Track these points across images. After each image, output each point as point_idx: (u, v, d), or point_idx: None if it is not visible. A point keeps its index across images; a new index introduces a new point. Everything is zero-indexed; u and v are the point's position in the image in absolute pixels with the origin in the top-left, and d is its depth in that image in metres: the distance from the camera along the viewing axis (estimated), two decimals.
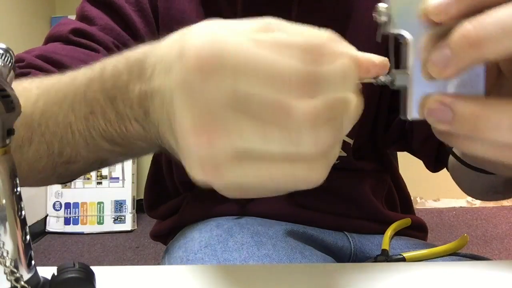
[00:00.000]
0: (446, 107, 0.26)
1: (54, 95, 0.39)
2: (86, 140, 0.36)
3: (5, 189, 0.25)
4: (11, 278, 0.25)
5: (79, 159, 0.39)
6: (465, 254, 0.57)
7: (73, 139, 0.37)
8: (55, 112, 0.38)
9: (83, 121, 0.36)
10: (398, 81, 0.28)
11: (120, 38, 0.58)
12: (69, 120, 0.37)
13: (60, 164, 0.40)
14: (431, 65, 0.27)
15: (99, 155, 0.38)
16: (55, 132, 0.38)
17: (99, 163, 0.40)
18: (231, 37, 0.24)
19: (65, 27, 0.57)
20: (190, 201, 0.67)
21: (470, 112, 0.26)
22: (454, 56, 0.25)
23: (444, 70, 0.26)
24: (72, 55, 0.54)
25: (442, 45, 0.26)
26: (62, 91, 0.38)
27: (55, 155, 0.39)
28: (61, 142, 0.38)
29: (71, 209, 2.68)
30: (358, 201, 0.65)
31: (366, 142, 0.67)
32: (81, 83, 0.36)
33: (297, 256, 0.53)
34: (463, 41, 0.25)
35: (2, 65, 0.27)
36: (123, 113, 0.32)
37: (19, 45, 2.31)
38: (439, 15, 0.26)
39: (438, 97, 0.27)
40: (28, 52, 0.55)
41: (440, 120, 0.27)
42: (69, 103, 0.37)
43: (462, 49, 0.25)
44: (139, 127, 0.32)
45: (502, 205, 2.77)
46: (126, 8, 0.59)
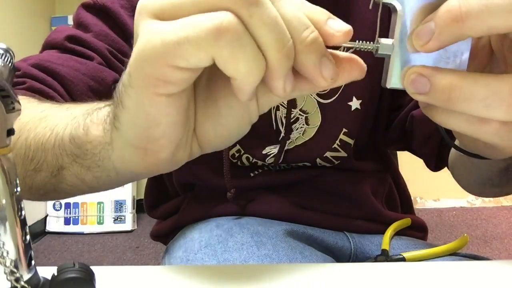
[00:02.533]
0: (425, 78, 0.27)
1: (63, 108, 0.41)
2: (55, 139, 0.38)
3: (5, 189, 0.25)
4: (11, 278, 0.25)
5: (44, 167, 0.39)
6: (465, 254, 0.57)
7: (48, 139, 0.38)
8: (54, 120, 0.40)
9: (69, 120, 0.37)
10: (382, 50, 0.29)
11: (115, 44, 0.58)
12: (57, 122, 0.39)
13: (30, 173, 0.40)
14: (415, 37, 0.27)
15: (58, 161, 0.38)
16: (37, 134, 0.39)
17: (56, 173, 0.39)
18: None
19: (61, 34, 0.58)
20: (190, 201, 0.67)
21: (446, 83, 0.26)
22: (437, 30, 0.26)
23: (427, 43, 0.27)
24: (67, 64, 0.55)
25: (428, 18, 0.27)
26: (74, 106, 0.41)
27: (29, 160, 0.40)
28: (37, 145, 0.39)
29: (71, 209, 2.68)
30: (359, 201, 0.65)
31: (367, 142, 0.67)
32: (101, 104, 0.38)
33: (297, 256, 0.53)
34: (447, 16, 0.25)
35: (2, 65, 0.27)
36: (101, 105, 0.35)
37: (19, 45, 2.31)
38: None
39: (418, 68, 0.28)
40: (24, 60, 0.55)
41: (418, 90, 0.28)
42: (71, 111, 0.39)
43: (446, 24, 0.26)
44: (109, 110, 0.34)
45: (502, 205, 2.77)
46: (121, 13, 0.59)
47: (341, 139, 0.63)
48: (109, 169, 0.36)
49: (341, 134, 0.63)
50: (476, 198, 2.82)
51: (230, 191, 0.61)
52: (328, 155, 0.64)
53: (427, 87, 0.27)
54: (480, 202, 2.83)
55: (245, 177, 0.64)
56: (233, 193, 0.61)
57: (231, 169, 0.61)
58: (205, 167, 0.65)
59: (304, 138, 0.62)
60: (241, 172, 0.64)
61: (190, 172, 0.67)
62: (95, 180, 0.37)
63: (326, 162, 0.65)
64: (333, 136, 0.63)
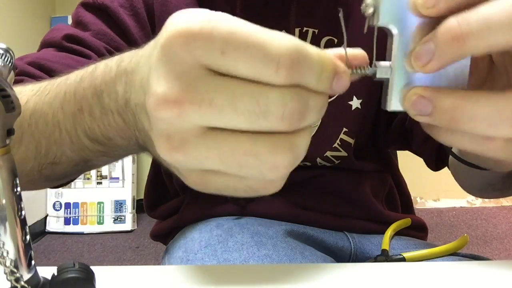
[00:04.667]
0: (426, 100, 0.27)
1: (46, 95, 0.40)
2: (72, 138, 0.37)
3: (5, 189, 0.25)
4: (11, 278, 0.25)
5: (63, 160, 0.39)
6: (465, 254, 0.57)
7: (60, 137, 0.38)
8: (45, 111, 0.39)
9: (71, 118, 0.37)
10: (380, 73, 0.29)
11: (113, 43, 0.58)
12: (58, 118, 0.38)
13: (46, 166, 0.40)
14: (415, 58, 0.27)
15: (82, 155, 0.38)
16: (43, 131, 0.39)
17: (82, 164, 0.40)
18: (217, 13, 0.25)
19: (59, 33, 0.58)
20: (190, 201, 0.67)
21: (448, 104, 0.26)
22: (437, 51, 0.26)
23: (427, 64, 0.26)
24: (63, 62, 0.55)
25: (426, 39, 0.26)
26: (53, 91, 0.39)
27: (42, 155, 0.40)
28: (48, 141, 0.39)
29: (71, 209, 2.68)
30: (358, 201, 0.65)
31: (367, 142, 0.67)
32: (73, 81, 0.37)
33: (297, 256, 0.53)
34: (447, 36, 0.25)
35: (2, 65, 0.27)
36: (107, 107, 0.33)
37: (19, 45, 2.31)
38: (428, 9, 0.26)
39: (418, 89, 0.27)
40: (21, 58, 0.55)
41: (420, 112, 0.27)
42: (59, 102, 0.38)
43: (446, 44, 0.25)
44: (120, 119, 0.33)
45: (502, 205, 2.77)
46: (121, 12, 0.59)
47: (342, 139, 0.63)
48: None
49: (342, 133, 0.63)
50: (476, 198, 2.82)
51: None
52: (328, 155, 0.64)
53: (430, 108, 0.27)
54: (480, 202, 2.83)
55: None
56: None
57: None
58: None
59: None
60: None
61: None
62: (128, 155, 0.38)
63: (327, 162, 0.65)
64: (333, 136, 0.63)
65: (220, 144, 0.25)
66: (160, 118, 0.25)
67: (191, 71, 0.24)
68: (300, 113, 0.25)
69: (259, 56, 0.23)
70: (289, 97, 0.24)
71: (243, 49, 0.23)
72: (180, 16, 0.25)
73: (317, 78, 0.25)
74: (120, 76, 0.31)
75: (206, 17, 0.24)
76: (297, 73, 0.24)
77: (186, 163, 0.26)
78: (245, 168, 0.25)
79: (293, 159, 0.26)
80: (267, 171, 0.25)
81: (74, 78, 0.37)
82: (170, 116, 0.24)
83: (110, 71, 0.33)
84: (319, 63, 0.25)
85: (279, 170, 0.25)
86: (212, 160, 0.25)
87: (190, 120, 0.24)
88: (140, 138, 0.32)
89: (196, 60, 0.24)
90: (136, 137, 0.33)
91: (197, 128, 0.25)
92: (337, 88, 0.26)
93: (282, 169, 0.26)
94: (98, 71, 0.34)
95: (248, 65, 0.23)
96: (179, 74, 0.24)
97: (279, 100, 0.24)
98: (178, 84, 0.24)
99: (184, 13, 0.25)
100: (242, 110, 0.24)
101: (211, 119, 0.24)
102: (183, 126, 0.24)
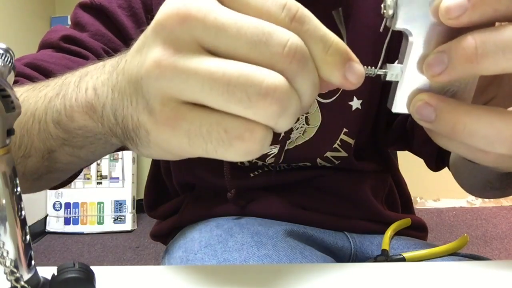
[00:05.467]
0: (431, 107, 0.27)
1: (37, 89, 0.40)
2: (40, 125, 0.38)
3: (5, 189, 0.25)
4: (11, 278, 0.25)
5: (32, 152, 0.40)
6: (465, 254, 0.57)
7: (32, 125, 0.38)
8: (29, 102, 0.39)
9: (46, 103, 0.37)
10: (390, 75, 0.29)
11: (111, 44, 0.58)
12: (36, 106, 0.38)
13: (20, 160, 0.41)
14: (427, 66, 0.27)
15: (46, 145, 0.38)
16: (21, 121, 0.39)
17: (47, 156, 0.40)
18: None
19: (56, 34, 0.58)
20: (190, 201, 0.67)
21: (451, 117, 0.27)
22: (450, 65, 0.26)
23: (438, 75, 0.27)
24: (60, 62, 0.55)
25: (441, 49, 0.27)
26: (45, 84, 0.40)
27: (16, 147, 0.40)
28: (21, 131, 0.39)
29: (71, 209, 2.68)
30: (359, 201, 0.65)
31: (367, 142, 0.67)
32: (70, 75, 0.37)
33: (297, 256, 0.53)
34: (462, 54, 0.25)
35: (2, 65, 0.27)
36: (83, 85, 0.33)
37: (19, 45, 2.31)
38: (450, 20, 0.26)
39: (425, 96, 0.28)
40: (18, 60, 0.55)
41: (423, 118, 0.28)
42: (45, 92, 0.39)
43: (459, 61, 0.26)
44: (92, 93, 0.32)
45: (502, 205, 2.77)
46: (119, 13, 0.59)
47: (342, 139, 0.63)
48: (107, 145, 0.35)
49: (342, 134, 0.63)
50: (476, 198, 2.82)
51: (230, 191, 0.61)
52: (328, 155, 0.64)
53: (433, 116, 0.27)
54: (480, 202, 2.83)
55: (245, 178, 0.64)
56: (233, 193, 0.61)
57: (231, 170, 0.61)
58: (205, 167, 0.65)
59: (305, 138, 0.62)
60: (241, 172, 0.64)
61: (190, 172, 0.67)
62: (91, 153, 0.37)
63: (327, 162, 0.65)
64: (333, 136, 0.63)
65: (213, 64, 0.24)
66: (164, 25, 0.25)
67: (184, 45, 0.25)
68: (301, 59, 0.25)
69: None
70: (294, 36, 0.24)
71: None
72: (169, 2, 0.26)
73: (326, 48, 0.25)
74: (114, 57, 0.32)
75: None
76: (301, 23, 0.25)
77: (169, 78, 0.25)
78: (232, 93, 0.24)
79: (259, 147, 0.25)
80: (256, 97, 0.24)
81: (73, 72, 0.38)
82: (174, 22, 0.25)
83: (102, 61, 0.34)
84: (329, 36, 0.25)
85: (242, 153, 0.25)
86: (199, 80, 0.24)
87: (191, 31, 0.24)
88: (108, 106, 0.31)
89: (189, 37, 0.24)
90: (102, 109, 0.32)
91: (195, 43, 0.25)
92: (352, 78, 0.26)
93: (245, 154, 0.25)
94: (91, 65, 0.35)
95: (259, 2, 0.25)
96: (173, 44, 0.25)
97: (284, 32, 0.24)
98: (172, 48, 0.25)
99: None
100: (245, 31, 0.24)
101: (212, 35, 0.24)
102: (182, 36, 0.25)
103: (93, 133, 0.34)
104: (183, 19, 0.24)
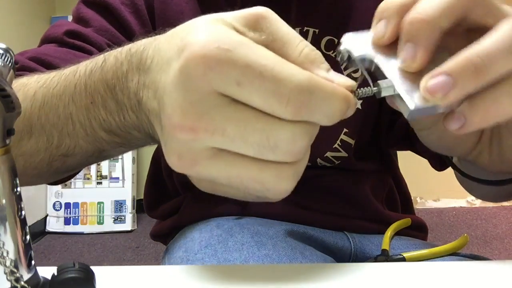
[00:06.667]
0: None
1: (54, 88, 0.40)
2: (86, 130, 0.37)
3: (5, 189, 0.25)
4: (11, 278, 0.25)
5: (77, 151, 0.39)
6: (465, 254, 0.57)
7: (74, 129, 0.38)
8: (55, 104, 0.39)
9: (84, 111, 0.37)
10: (385, 92, 0.30)
11: (115, 39, 0.58)
12: (69, 111, 0.38)
13: (58, 158, 0.40)
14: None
15: (97, 146, 0.38)
16: (55, 123, 0.39)
17: (97, 155, 0.40)
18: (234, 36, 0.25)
19: (60, 29, 0.58)
20: (190, 201, 0.67)
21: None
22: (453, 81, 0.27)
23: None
24: (65, 57, 0.54)
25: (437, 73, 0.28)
26: (62, 83, 0.39)
27: (53, 147, 0.40)
28: (61, 133, 0.39)
29: (71, 209, 2.68)
30: (359, 201, 0.65)
31: (368, 142, 0.67)
32: (82, 74, 0.37)
33: (297, 256, 0.53)
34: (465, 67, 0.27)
35: (2, 65, 0.27)
36: (122, 103, 0.34)
37: (19, 45, 2.31)
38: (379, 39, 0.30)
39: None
40: (21, 54, 0.55)
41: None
42: (69, 95, 0.38)
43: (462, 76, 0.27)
44: (134, 116, 0.33)
45: (502, 205, 2.77)
46: (122, 9, 0.59)
47: (342, 139, 0.63)
48: None
49: (342, 134, 0.63)
50: (476, 198, 2.82)
51: None
52: (328, 155, 0.64)
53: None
54: (480, 202, 2.83)
55: None
56: None
57: None
58: None
59: None
60: None
61: None
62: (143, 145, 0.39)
63: (327, 162, 0.65)
64: (333, 136, 0.63)
65: (229, 167, 0.26)
66: (175, 139, 0.26)
67: (207, 99, 0.25)
68: (307, 147, 0.27)
69: (271, 90, 0.25)
70: (299, 135, 0.26)
71: (257, 83, 0.24)
72: (198, 34, 0.26)
73: (330, 117, 0.27)
74: (132, 72, 0.32)
75: (224, 41, 0.25)
76: (306, 111, 0.25)
77: (195, 177, 0.28)
78: (251, 190, 0.27)
79: (294, 184, 0.28)
80: (271, 195, 0.28)
81: (84, 71, 0.37)
82: (185, 139, 0.26)
83: (121, 65, 0.33)
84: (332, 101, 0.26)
85: (281, 194, 0.28)
86: (221, 180, 0.27)
87: (203, 144, 0.26)
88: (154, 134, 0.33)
89: (212, 88, 0.25)
90: (150, 133, 0.33)
91: (208, 150, 0.26)
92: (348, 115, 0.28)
93: (284, 193, 0.28)
94: (108, 65, 0.35)
95: (262, 98, 0.25)
96: (194, 101, 0.25)
97: (289, 138, 0.26)
98: (193, 112, 0.25)
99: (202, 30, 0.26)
100: (251, 142, 0.25)
101: (222, 146, 0.26)
102: (195, 147, 0.26)
103: (150, 139, 0.36)
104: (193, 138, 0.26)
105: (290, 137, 0.25)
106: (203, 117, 0.25)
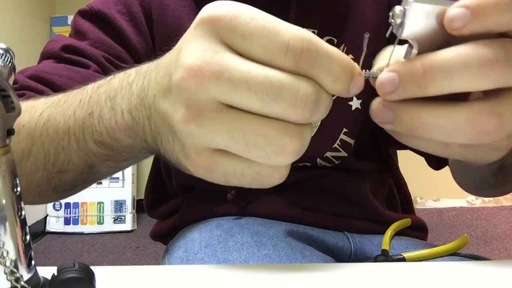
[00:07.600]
0: (389, 110, 0.29)
1: (61, 106, 0.42)
2: (79, 144, 0.39)
3: (5, 189, 0.25)
4: (11, 278, 0.25)
5: (70, 167, 0.41)
6: (465, 254, 0.57)
7: (68, 144, 0.40)
8: (58, 119, 0.41)
9: (80, 123, 0.38)
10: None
11: (111, 50, 0.59)
12: (68, 124, 0.40)
13: (54, 175, 0.42)
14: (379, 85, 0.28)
15: (87, 161, 0.40)
16: (53, 138, 0.41)
17: (87, 171, 0.41)
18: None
19: (57, 44, 0.59)
20: (190, 201, 0.67)
21: (408, 115, 0.28)
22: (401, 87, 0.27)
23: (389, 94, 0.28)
24: (63, 73, 0.55)
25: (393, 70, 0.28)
26: (69, 101, 0.41)
27: (50, 164, 0.41)
28: (57, 149, 0.41)
29: (71, 209, 2.68)
30: (358, 201, 0.65)
31: (367, 142, 0.67)
32: (90, 90, 0.39)
33: (297, 256, 0.53)
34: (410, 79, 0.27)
35: (2, 65, 0.27)
36: (118, 108, 0.35)
37: (19, 45, 2.31)
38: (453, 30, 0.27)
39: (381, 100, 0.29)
40: (21, 72, 0.56)
41: (384, 120, 0.29)
42: (72, 109, 0.40)
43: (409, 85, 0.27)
44: (129, 117, 0.34)
45: (502, 205, 2.77)
46: (118, 19, 0.59)
47: (342, 139, 0.63)
48: (151, 154, 0.38)
49: (342, 134, 0.63)
50: (476, 198, 2.82)
51: (230, 192, 0.61)
52: (328, 155, 0.64)
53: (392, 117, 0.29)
54: (480, 202, 2.83)
55: None
56: (233, 194, 0.61)
57: None
58: None
59: None
60: None
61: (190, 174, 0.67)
62: (133, 162, 0.40)
63: (327, 162, 0.65)
64: (333, 136, 0.63)
65: (233, 120, 0.27)
66: (184, 88, 0.27)
67: (216, 48, 0.27)
68: (312, 104, 0.26)
69: (272, 39, 0.26)
70: (302, 86, 0.26)
71: (260, 33, 0.26)
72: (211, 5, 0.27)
73: (335, 78, 0.27)
74: (139, 77, 0.34)
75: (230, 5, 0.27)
76: (306, 60, 0.26)
77: (198, 136, 0.28)
78: (253, 148, 0.27)
79: (300, 146, 0.28)
80: (274, 155, 0.27)
81: (92, 87, 0.39)
82: (193, 86, 0.26)
83: (128, 76, 0.35)
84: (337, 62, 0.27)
85: (285, 155, 0.27)
86: (223, 136, 0.27)
87: (209, 92, 0.26)
88: (148, 134, 0.33)
89: (220, 39, 0.27)
90: (144, 135, 0.34)
91: (215, 102, 0.27)
92: (353, 90, 0.28)
93: (289, 155, 0.28)
94: (116, 78, 0.37)
95: (263, 47, 0.26)
96: (205, 48, 0.27)
97: (292, 85, 0.26)
98: (203, 56, 0.27)
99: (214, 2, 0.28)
100: (255, 89, 0.26)
101: (227, 94, 0.26)
102: (203, 98, 0.27)
103: (138, 149, 0.37)
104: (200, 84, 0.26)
105: (293, 84, 0.26)
106: (210, 62, 0.26)
